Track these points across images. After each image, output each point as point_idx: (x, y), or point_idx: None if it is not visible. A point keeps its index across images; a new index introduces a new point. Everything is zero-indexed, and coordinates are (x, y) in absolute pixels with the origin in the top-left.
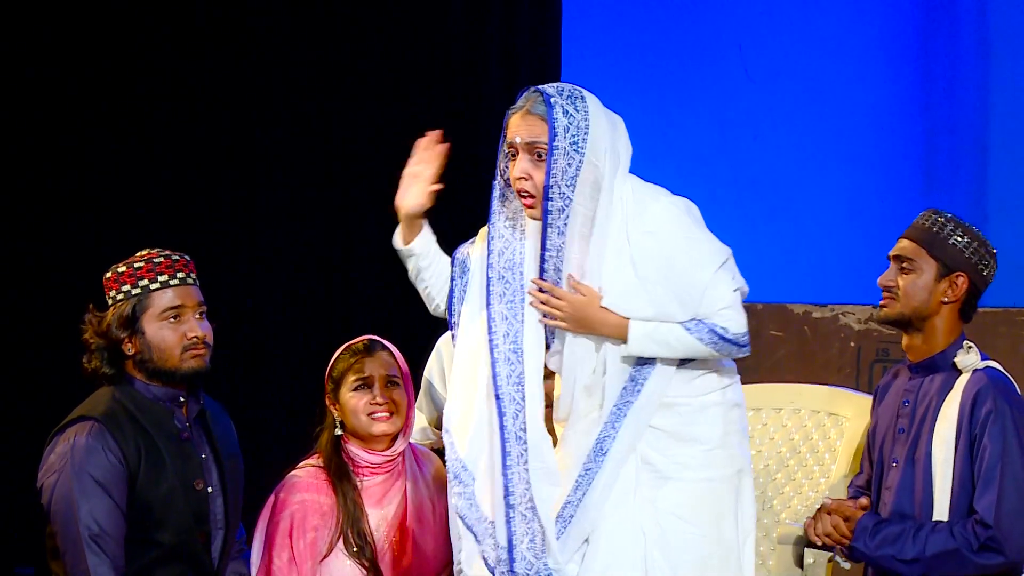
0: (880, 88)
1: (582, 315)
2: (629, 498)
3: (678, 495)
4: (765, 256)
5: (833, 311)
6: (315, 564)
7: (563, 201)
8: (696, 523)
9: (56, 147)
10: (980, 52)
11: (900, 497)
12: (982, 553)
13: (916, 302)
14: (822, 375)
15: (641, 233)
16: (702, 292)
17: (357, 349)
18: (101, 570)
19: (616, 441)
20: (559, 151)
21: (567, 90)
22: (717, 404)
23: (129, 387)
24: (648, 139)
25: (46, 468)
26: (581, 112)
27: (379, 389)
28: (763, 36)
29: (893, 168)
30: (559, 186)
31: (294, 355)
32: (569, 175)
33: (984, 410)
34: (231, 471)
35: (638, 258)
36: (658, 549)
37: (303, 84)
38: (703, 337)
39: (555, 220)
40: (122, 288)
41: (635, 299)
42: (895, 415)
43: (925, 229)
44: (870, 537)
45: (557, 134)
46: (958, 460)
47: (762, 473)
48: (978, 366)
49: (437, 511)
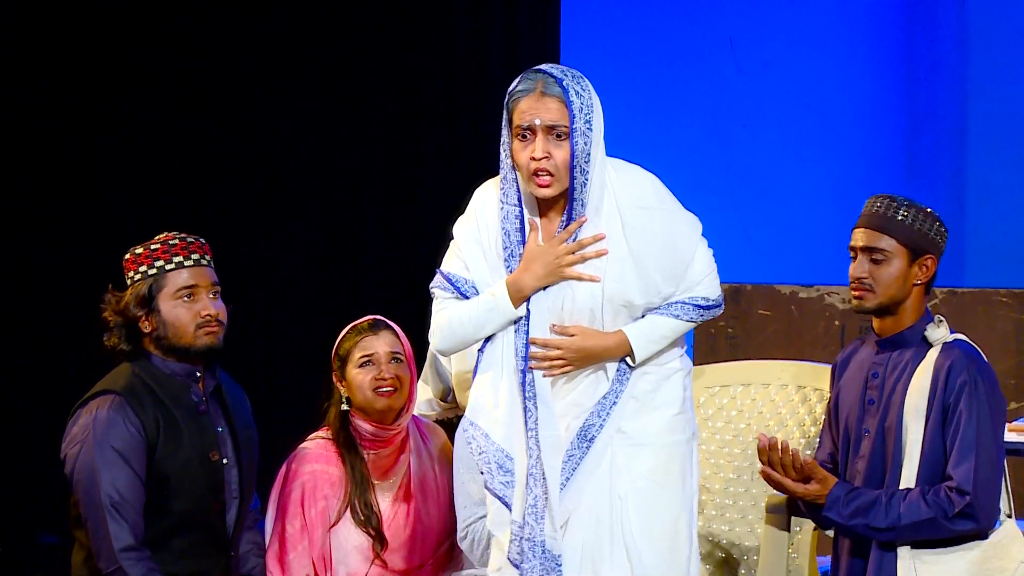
0: (863, 79)
1: (583, 354)
2: (604, 466)
3: (651, 460)
4: (754, 239)
5: (819, 291)
6: (325, 531)
7: (584, 177)
8: (667, 486)
9: (87, 137)
10: (960, 44)
11: (873, 465)
12: (957, 520)
13: (893, 291)
14: (808, 352)
15: (633, 208)
16: (688, 264)
17: (363, 328)
18: (122, 536)
19: (603, 430)
20: (578, 131)
21: (569, 71)
22: (678, 371)
23: (148, 363)
24: (642, 127)
25: (69, 439)
26: (587, 92)
27: (384, 365)
28: (752, 30)
29: (876, 155)
30: (580, 164)
31: (306, 334)
32: (586, 153)
33: (959, 381)
34: (246, 443)
35: (630, 233)
36: (635, 514)
37: (315, 75)
38: (692, 317)
39: (580, 195)
40: (140, 268)
41: (628, 282)
42: (863, 387)
43: (887, 217)
44: (843, 507)
45: (575, 115)
46: (929, 429)
47: (751, 446)
48: (948, 339)
49: (440, 483)
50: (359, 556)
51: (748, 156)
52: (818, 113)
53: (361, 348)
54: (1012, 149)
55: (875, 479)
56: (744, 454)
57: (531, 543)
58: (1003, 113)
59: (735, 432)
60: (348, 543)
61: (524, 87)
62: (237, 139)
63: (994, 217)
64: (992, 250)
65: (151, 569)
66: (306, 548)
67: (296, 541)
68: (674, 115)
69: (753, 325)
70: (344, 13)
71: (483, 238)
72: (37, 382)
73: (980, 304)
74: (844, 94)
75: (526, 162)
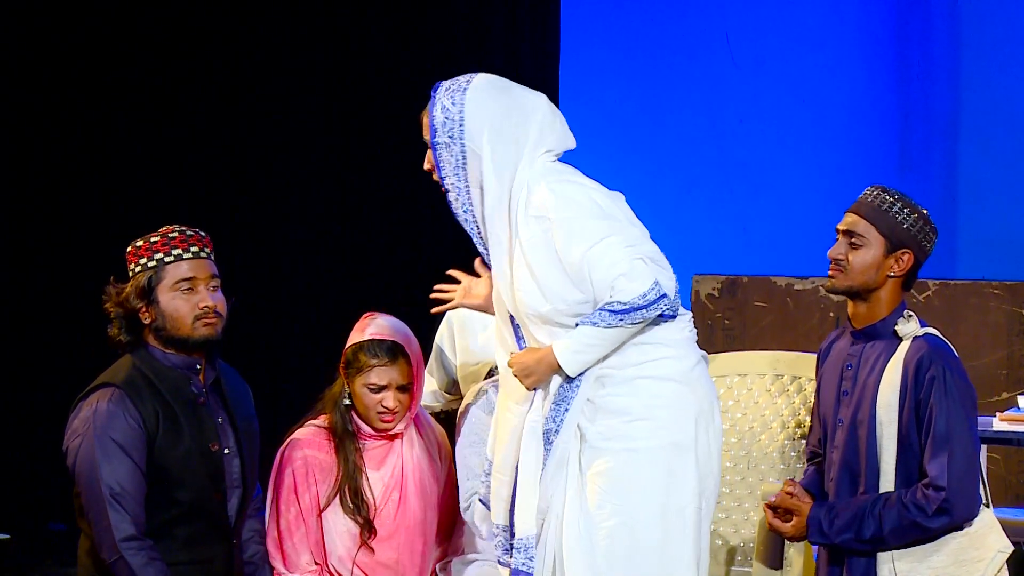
0: (858, 75)
1: (525, 369)
2: (571, 466)
3: (602, 465)
4: (750, 232)
5: (814, 283)
6: (316, 517)
7: (454, 192)
8: (614, 493)
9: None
10: (952, 40)
11: (847, 455)
12: (935, 517)
13: (864, 277)
14: (803, 343)
15: (530, 217)
16: (584, 269)
17: (381, 351)
18: (123, 526)
19: (559, 434)
20: (437, 146)
21: (450, 84)
22: (645, 377)
23: (148, 356)
24: (639, 122)
25: (71, 432)
26: (456, 106)
27: (392, 394)
28: (749, 26)
29: (870, 149)
30: (448, 176)
31: (310, 325)
32: (452, 166)
33: (928, 375)
34: (246, 433)
35: (527, 245)
36: (588, 517)
37: (318, 73)
38: (609, 322)
39: (455, 208)
40: (140, 261)
41: (531, 291)
42: (839, 378)
43: (874, 206)
44: (827, 525)
45: (436, 129)
46: (902, 423)
47: (747, 435)
48: (918, 333)
49: (435, 476)
50: (349, 540)
51: (744, 150)
52: (813, 108)
53: (376, 374)
54: (1004, 143)
55: (850, 469)
56: (740, 443)
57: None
58: (995, 107)
59: (731, 422)
60: (338, 527)
61: None
62: (242, 133)
63: (986, 210)
64: (984, 242)
65: (152, 558)
66: (304, 534)
67: (293, 528)
68: (671, 110)
69: (749, 316)
70: (346, 13)
71: None
72: (46, 371)
73: (972, 296)
74: (838, 89)
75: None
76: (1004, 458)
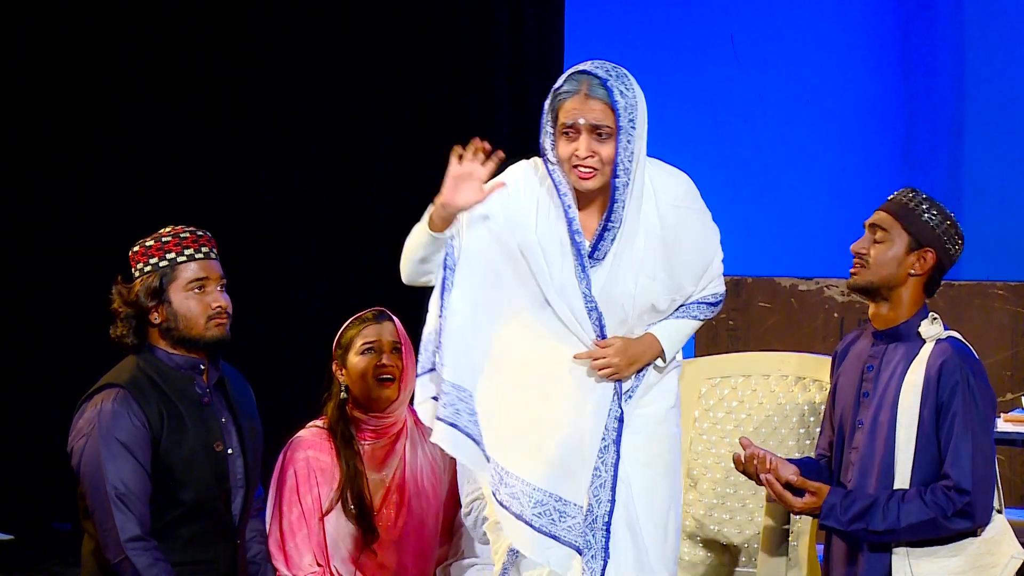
0: (862, 75)
1: (628, 359)
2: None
3: (651, 449)
4: (755, 233)
5: (818, 284)
6: (319, 519)
7: (627, 177)
8: (664, 475)
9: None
10: (957, 40)
11: (865, 457)
12: (955, 519)
13: (885, 272)
14: (807, 344)
15: (670, 207)
16: (710, 263)
17: (366, 317)
18: (128, 527)
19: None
20: (623, 131)
21: (614, 70)
22: (676, 367)
23: (152, 356)
24: None
25: (75, 432)
26: (631, 91)
27: (386, 354)
28: (753, 27)
29: (875, 150)
30: (624, 163)
31: (310, 326)
32: (629, 151)
33: (952, 379)
34: (249, 433)
35: (667, 232)
36: (639, 499)
37: (322, 72)
38: (706, 315)
39: (620, 195)
40: (150, 260)
41: (660, 280)
42: (859, 379)
43: (902, 204)
44: (841, 513)
45: (620, 114)
46: (923, 426)
47: (752, 435)
48: (942, 336)
49: (435, 477)
50: (352, 543)
51: (748, 151)
52: (817, 108)
53: (364, 336)
54: (1008, 144)
55: (867, 470)
56: None
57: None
58: (999, 108)
59: (736, 422)
60: (340, 530)
61: (568, 88)
62: (243, 134)
63: (990, 211)
64: (988, 243)
65: (157, 559)
66: (306, 535)
67: (296, 528)
68: (676, 110)
69: (753, 317)
70: (350, 13)
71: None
72: (50, 371)
73: (976, 297)
74: (843, 90)
75: (569, 156)
76: (1008, 459)
